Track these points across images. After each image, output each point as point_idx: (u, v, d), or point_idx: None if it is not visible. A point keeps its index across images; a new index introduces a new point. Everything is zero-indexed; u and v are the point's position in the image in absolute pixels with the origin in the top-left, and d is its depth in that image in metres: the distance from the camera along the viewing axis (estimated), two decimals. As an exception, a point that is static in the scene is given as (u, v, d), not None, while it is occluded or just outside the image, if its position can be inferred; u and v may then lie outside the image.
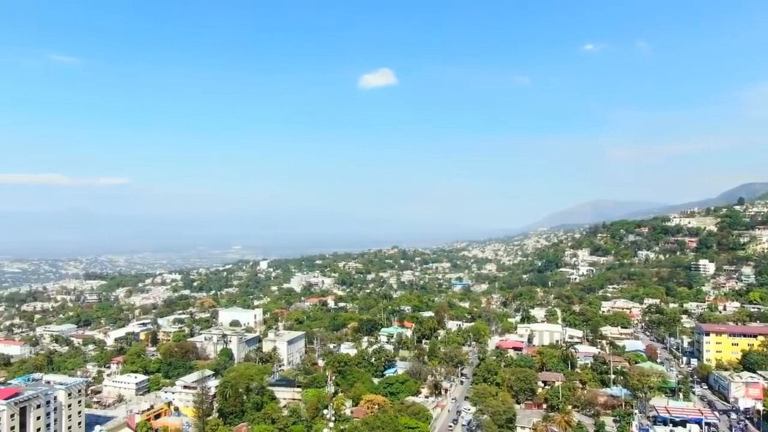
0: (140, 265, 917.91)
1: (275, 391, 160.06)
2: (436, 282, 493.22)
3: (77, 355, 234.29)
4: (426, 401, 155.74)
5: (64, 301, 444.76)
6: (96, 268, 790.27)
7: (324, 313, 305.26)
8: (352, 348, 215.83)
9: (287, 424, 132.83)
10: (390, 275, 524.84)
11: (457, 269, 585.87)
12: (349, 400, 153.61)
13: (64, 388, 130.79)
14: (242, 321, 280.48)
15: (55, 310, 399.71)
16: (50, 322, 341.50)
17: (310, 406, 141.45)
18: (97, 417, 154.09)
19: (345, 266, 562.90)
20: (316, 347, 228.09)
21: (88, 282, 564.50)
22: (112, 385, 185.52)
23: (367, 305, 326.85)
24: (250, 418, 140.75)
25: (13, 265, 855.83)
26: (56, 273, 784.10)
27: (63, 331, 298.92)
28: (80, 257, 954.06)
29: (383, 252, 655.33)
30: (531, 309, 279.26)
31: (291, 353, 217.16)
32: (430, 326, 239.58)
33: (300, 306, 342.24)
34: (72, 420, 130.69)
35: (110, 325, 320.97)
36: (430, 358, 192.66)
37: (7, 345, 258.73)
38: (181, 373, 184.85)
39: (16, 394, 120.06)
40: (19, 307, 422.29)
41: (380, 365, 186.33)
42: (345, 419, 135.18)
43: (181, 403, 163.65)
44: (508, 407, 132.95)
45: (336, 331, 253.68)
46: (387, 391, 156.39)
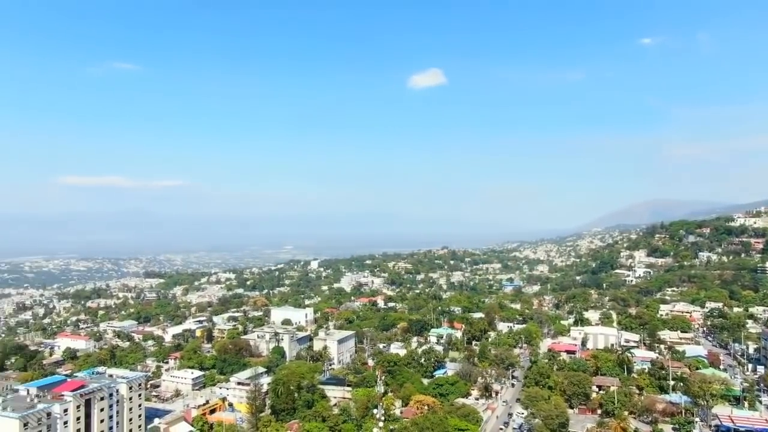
0: (196, 264, 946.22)
1: (326, 390, 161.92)
2: (486, 283, 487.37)
3: (137, 351, 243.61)
4: (476, 403, 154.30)
5: (126, 298, 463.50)
6: (155, 267, 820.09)
7: (374, 313, 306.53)
8: (402, 348, 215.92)
9: (337, 423, 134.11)
10: (439, 276, 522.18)
11: (507, 270, 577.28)
12: (399, 400, 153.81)
13: (125, 381, 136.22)
14: (294, 320, 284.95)
15: (117, 307, 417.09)
16: (113, 318, 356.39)
17: (360, 406, 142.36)
18: (156, 410, 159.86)
19: (394, 266, 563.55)
20: (366, 347, 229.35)
21: (147, 280, 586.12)
22: (170, 380, 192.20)
23: (417, 305, 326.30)
24: (302, 416, 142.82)
25: (79, 263, 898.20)
26: (118, 271, 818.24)
27: (124, 327, 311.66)
28: (140, 256, 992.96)
29: (433, 252, 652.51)
30: (585, 311, 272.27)
31: (341, 352, 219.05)
32: (481, 327, 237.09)
33: (350, 306, 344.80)
34: (133, 412, 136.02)
35: (168, 321, 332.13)
36: (481, 359, 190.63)
37: (73, 339, 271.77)
38: (235, 369, 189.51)
39: (82, 387, 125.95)
40: (85, 303, 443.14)
41: (430, 366, 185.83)
42: (394, 419, 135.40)
43: (235, 399, 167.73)
44: (561, 412, 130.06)
45: (385, 331, 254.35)
46: (436, 392, 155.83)
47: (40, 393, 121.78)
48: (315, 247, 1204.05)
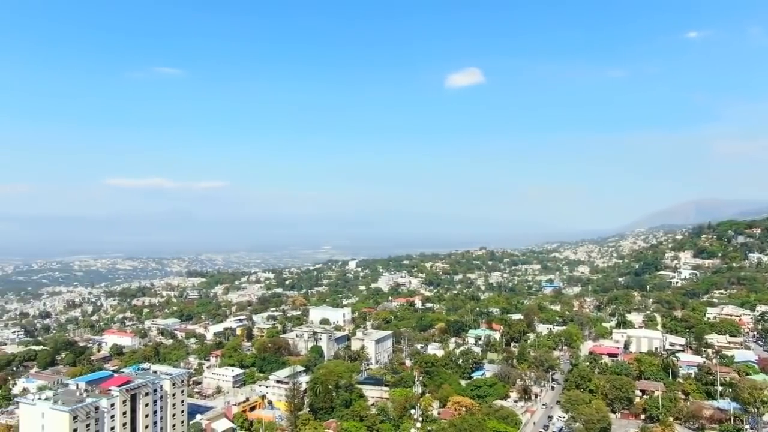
0: (236, 263, 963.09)
1: (363, 389, 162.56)
2: (525, 284, 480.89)
3: (180, 348, 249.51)
4: (515, 406, 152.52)
5: (169, 296, 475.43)
6: (197, 266, 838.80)
7: (411, 313, 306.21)
8: (440, 349, 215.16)
9: (375, 423, 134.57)
10: (478, 276, 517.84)
11: (547, 271, 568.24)
12: (437, 401, 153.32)
13: (169, 378, 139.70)
14: (332, 319, 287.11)
15: (161, 305, 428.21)
16: (157, 316, 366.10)
17: (397, 406, 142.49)
18: (198, 406, 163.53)
19: (432, 267, 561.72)
20: (404, 347, 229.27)
21: (190, 279, 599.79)
22: (211, 377, 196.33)
23: (455, 306, 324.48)
24: (339, 415, 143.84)
25: (125, 263, 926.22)
26: (162, 270, 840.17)
27: (168, 324, 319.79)
28: (183, 256, 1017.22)
29: (471, 253, 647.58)
30: (627, 314, 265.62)
31: (379, 352, 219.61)
32: (520, 329, 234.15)
33: (387, 306, 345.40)
34: (176, 408, 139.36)
35: (210, 320, 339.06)
36: (519, 361, 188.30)
37: (120, 336, 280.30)
38: (274, 368, 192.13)
39: (128, 382, 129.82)
40: (130, 301, 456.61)
41: (468, 367, 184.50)
42: (432, 420, 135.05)
43: (274, 396, 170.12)
44: (603, 416, 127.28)
45: (423, 332, 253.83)
46: (474, 393, 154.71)
47: (88, 387, 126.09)
48: (352, 247, 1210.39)
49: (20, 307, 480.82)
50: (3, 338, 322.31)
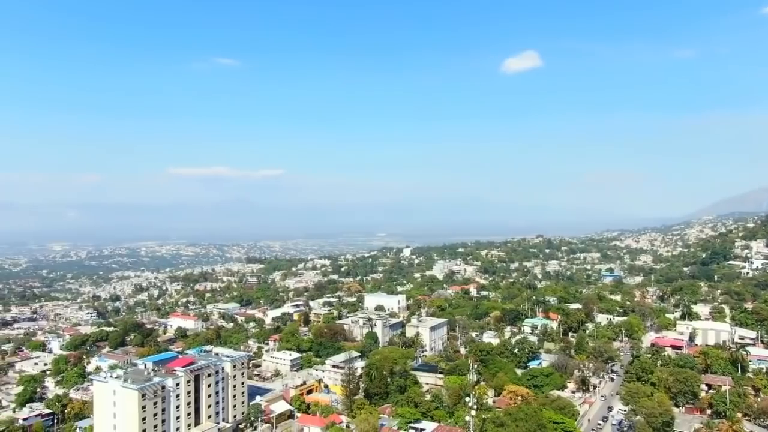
0: (293, 250, 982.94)
1: (418, 376, 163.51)
2: (584, 273, 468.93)
3: (240, 332, 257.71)
4: (572, 396, 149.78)
5: (229, 282, 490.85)
6: (255, 253, 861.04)
7: (466, 301, 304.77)
8: (495, 337, 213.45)
9: (429, 409, 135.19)
10: (534, 265, 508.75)
11: (607, 260, 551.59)
12: (492, 389, 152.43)
13: (230, 360, 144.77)
14: (386, 306, 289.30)
15: (221, 290, 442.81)
16: (218, 301, 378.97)
17: (452, 393, 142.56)
18: (258, 388, 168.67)
19: (487, 255, 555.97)
20: (458, 335, 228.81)
21: (249, 265, 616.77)
22: (270, 361, 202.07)
23: (510, 295, 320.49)
24: (394, 400, 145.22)
25: (188, 249, 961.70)
26: (222, 256, 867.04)
27: (228, 309, 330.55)
28: (242, 243, 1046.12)
29: (527, 241, 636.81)
30: (693, 305, 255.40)
31: (433, 339, 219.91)
32: (578, 319, 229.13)
33: (442, 293, 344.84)
34: (236, 389, 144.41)
35: (268, 305, 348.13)
36: (577, 352, 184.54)
37: (183, 319, 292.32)
38: (330, 353, 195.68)
39: (192, 363, 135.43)
40: (193, 286, 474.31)
41: (523, 356, 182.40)
42: (487, 408, 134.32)
43: (330, 381, 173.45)
44: (666, 410, 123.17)
45: (478, 320, 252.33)
46: (530, 383, 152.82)
47: (155, 367, 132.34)
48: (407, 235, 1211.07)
49: (93, 291, 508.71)
50: (78, 319, 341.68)
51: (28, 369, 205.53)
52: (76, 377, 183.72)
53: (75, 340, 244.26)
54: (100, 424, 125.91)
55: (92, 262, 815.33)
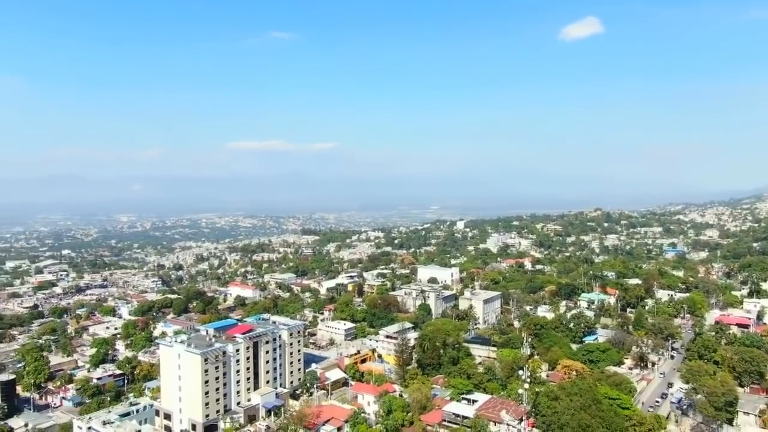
0: (347, 222, 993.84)
1: (470, 348, 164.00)
2: (644, 247, 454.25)
3: (296, 301, 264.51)
4: (629, 373, 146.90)
5: (286, 253, 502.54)
6: (311, 225, 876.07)
7: (520, 275, 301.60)
8: (549, 311, 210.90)
9: (482, 381, 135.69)
10: (592, 239, 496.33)
11: (669, 234, 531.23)
12: (545, 363, 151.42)
13: (286, 328, 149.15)
14: (439, 278, 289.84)
15: (278, 261, 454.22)
16: (275, 271, 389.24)
17: (505, 366, 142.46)
18: (313, 356, 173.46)
19: (543, 228, 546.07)
20: (512, 308, 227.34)
21: (304, 237, 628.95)
22: (325, 330, 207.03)
23: (566, 269, 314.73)
24: (447, 371, 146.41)
25: (246, 220, 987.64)
26: (279, 228, 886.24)
27: (285, 279, 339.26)
28: (298, 215, 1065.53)
29: (585, 214, 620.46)
30: (762, 282, 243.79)
31: (486, 312, 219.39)
32: (637, 294, 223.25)
33: (496, 266, 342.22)
34: (293, 357, 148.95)
35: (323, 275, 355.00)
36: (636, 328, 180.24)
37: (242, 288, 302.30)
38: (383, 323, 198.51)
39: (251, 331, 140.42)
40: (251, 256, 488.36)
41: (579, 331, 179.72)
42: (541, 382, 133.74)
43: (383, 350, 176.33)
44: (729, 389, 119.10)
45: (533, 294, 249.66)
46: (586, 358, 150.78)
47: (216, 334, 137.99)
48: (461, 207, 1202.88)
49: (157, 260, 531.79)
50: (144, 287, 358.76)
51: (101, 332, 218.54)
52: (144, 341, 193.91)
53: (142, 306, 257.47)
54: (166, 386, 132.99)
55: (156, 233, 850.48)
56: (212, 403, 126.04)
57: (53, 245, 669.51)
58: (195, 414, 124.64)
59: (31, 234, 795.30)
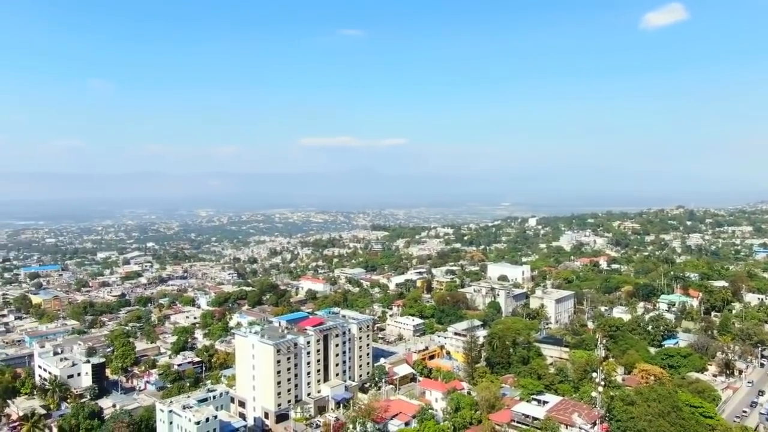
0: (416, 218, 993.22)
1: (541, 348, 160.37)
2: (731, 248, 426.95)
3: (366, 296, 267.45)
4: (713, 380, 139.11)
5: (355, 248, 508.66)
6: (380, 221, 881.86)
7: (595, 274, 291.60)
8: (626, 313, 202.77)
9: (553, 382, 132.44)
10: (673, 238, 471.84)
11: (761, 234, 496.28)
12: (621, 366, 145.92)
13: (356, 322, 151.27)
14: (510, 276, 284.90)
15: (348, 256, 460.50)
16: (345, 266, 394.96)
17: (577, 367, 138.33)
18: (382, 351, 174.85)
19: (620, 226, 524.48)
20: (586, 308, 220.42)
21: (373, 232, 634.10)
22: (393, 325, 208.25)
23: (645, 269, 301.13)
24: (516, 371, 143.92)
25: (317, 216, 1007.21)
26: (349, 224, 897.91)
27: (354, 274, 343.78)
28: (367, 210, 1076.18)
29: (665, 212, 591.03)
30: None
31: (558, 312, 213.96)
32: (722, 297, 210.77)
33: (569, 265, 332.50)
34: (362, 350, 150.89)
35: (392, 271, 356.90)
36: (721, 333, 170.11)
37: (313, 282, 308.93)
38: (452, 320, 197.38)
39: (321, 324, 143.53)
40: (322, 251, 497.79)
41: (658, 334, 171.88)
42: (615, 386, 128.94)
43: (452, 347, 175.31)
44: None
45: (608, 294, 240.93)
46: (665, 362, 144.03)
47: (288, 326, 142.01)
48: (532, 204, 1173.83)
49: (233, 253, 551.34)
50: (221, 279, 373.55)
51: (181, 321, 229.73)
52: (220, 330, 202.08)
53: (219, 297, 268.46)
54: (241, 374, 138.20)
55: (233, 227, 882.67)
56: (284, 393, 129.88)
57: (139, 238, 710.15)
58: (267, 402, 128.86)
59: (119, 227, 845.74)
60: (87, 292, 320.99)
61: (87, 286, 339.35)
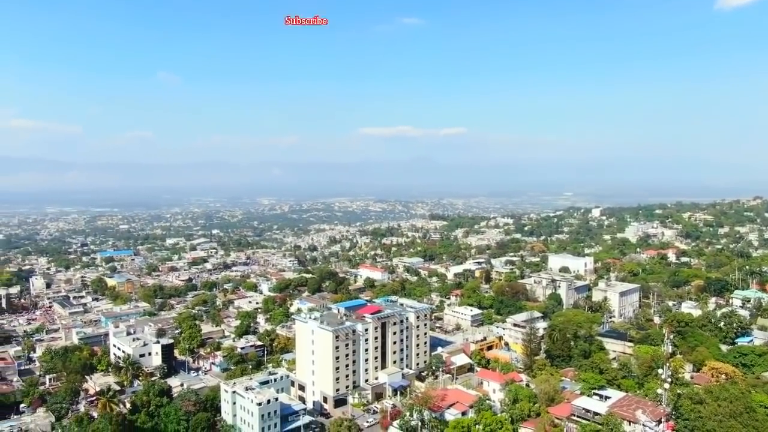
0: (476, 208, 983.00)
1: (604, 342, 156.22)
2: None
3: (423, 285, 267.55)
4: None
5: (413, 237, 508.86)
6: (438, 210, 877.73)
7: (663, 267, 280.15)
8: (696, 308, 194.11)
9: (616, 377, 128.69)
10: (749, 230, 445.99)
11: None
12: (689, 364, 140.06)
13: (414, 311, 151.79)
14: (572, 268, 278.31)
15: (406, 245, 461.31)
16: (403, 255, 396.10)
17: (642, 363, 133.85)
18: (439, 340, 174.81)
19: (690, 217, 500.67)
20: (652, 302, 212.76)
21: (432, 222, 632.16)
22: (451, 314, 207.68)
23: (717, 263, 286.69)
24: (577, 364, 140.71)
25: (376, 205, 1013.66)
26: (407, 213, 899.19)
27: (413, 263, 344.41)
28: (426, 200, 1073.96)
29: (741, 203, 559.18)
30: None
31: (623, 305, 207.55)
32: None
33: (635, 257, 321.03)
34: (419, 339, 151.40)
35: (450, 261, 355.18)
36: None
37: (371, 271, 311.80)
38: (511, 311, 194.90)
39: (379, 311, 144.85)
40: (380, 240, 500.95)
41: (731, 332, 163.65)
42: (683, 383, 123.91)
43: (510, 339, 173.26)
44: None
45: (676, 288, 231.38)
46: (738, 361, 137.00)
47: (347, 313, 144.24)
48: (596, 194, 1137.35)
49: (294, 241, 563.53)
50: (282, 266, 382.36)
51: (244, 306, 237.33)
52: (281, 316, 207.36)
53: (280, 284, 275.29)
54: (301, 359, 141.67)
55: (293, 215, 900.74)
56: (342, 378, 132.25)
57: (205, 225, 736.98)
58: (326, 387, 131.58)
59: (186, 215, 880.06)
60: (157, 276, 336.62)
61: (157, 271, 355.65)
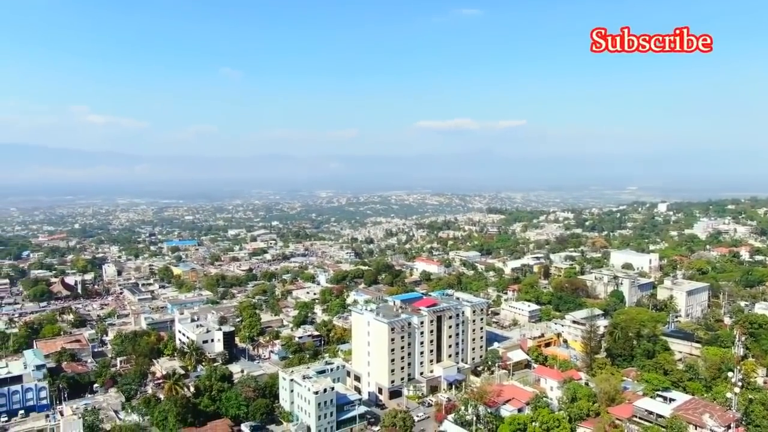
0: (535, 202, 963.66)
1: (669, 342, 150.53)
2: None
3: (480, 279, 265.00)
4: None
5: (471, 231, 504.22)
6: (496, 204, 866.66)
7: (735, 266, 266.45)
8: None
9: (682, 379, 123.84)
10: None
11: None
12: (763, 368, 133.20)
13: (470, 305, 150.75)
14: (635, 264, 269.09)
15: (463, 239, 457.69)
16: (459, 248, 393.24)
17: (710, 365, 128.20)
18: (495, 335, 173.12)
19: (766, 214, 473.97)
20: (723, 302, 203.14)
21: (489, 215, 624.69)
22: (508, 310, 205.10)
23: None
24: (640, 364, 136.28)
25: (433, 198, 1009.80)
26: (464, 206, 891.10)
27: (469, 257, 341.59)
28: (483, 193, 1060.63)
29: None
30: None
31: (690, 305, 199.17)
32: None
33: (704, 255, 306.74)
34: (475, 333, 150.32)
35: (507, 255, 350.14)
36: None
37: (427, 264, 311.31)
38: (570, 308, 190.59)
39: (435, 305, 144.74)
40: (437, 233, 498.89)
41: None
42: (755, 388, 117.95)
43: (569, 336, 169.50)
44: None
45: (749, 288, 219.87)
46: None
47: (402, 305, 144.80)
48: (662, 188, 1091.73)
49: (351, 233, 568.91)
50: (339, 257, 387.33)
51: (302, 296, 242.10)
52: (338, 307, 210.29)
53: (337, 275, 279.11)
54: (357, 349, 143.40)
55: (350, 208, 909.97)
56: (397, 370, 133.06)
57: (265, 217, 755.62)
58: (381, 379, 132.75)
59: (247, 206, 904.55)
60: (219, 265, 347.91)
61: (219, 260, 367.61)
